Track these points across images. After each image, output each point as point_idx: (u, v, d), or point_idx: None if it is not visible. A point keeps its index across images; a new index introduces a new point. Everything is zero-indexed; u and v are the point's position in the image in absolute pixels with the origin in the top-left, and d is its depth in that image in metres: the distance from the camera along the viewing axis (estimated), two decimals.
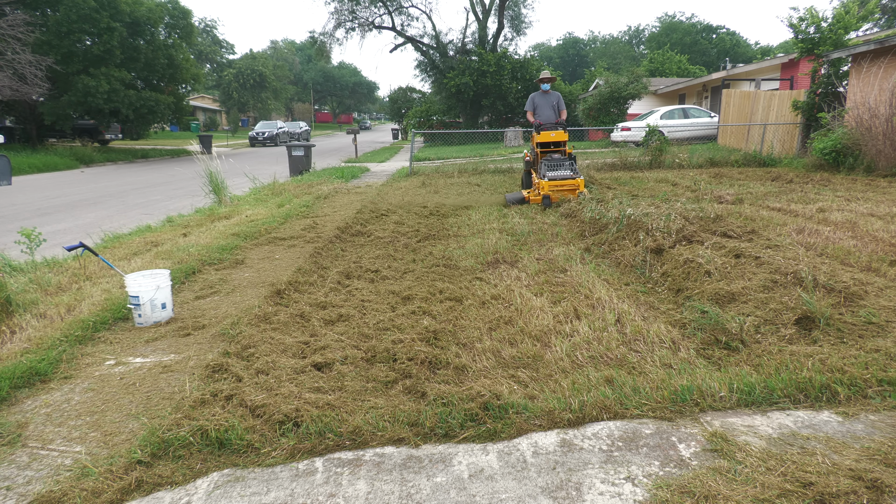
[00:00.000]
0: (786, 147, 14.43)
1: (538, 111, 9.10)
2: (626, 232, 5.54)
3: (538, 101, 9.11)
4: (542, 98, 9.10)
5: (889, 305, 3.55)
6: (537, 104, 9.10)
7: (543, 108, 9.06)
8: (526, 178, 9.24)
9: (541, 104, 9.09)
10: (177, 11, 27.07)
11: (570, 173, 8.11)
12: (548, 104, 9.06)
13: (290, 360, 3.21)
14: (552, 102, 9.09)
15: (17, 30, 18.77)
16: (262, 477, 2.25)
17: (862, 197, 7.78)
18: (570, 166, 8.22)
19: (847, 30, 12.59)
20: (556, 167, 8.22)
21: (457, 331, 3.59)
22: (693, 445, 2.32)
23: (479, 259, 5.31)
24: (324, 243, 6.22)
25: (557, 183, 7.96)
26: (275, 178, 13.09)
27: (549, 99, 9.08)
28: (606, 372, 2.92)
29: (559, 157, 8.39)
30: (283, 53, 66.57)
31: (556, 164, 8.25)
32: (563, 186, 7.97)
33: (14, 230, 5.96)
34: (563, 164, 8.24)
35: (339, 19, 34.11)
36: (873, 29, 22.19)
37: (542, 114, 9.06)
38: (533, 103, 9.14)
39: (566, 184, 7.96)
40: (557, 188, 7.97)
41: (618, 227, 5.64)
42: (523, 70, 31.55)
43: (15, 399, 2.98)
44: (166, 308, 4.11)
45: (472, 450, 2.37)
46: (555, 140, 8.64)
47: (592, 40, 65.41)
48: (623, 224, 5.66)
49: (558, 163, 8.29)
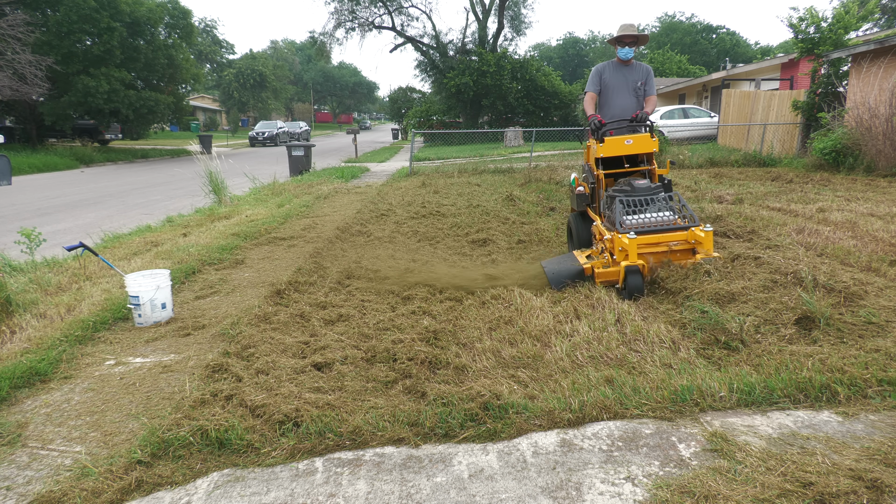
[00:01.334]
0: (786, 147, 14.43)
1: (608, 96, 5.00)
2: None
3: (609, 79, 4.98)
4: (616, 73, 4.96)
5: (889, 305, 3.55)
6: (608, 83, 4.98)
7: (618, 92, 4.96)
8: (579, 224, 5.14)
9: (614, 84, 4.96)
10: (177, 11, 27.07)
11: (671, 215, 4.32)
12: (626, 84, 4.97)
13: (290, 360, 3.21)
14: (634, 82, 4.97)
15: (18, 30, 18.77)
16: (262, 477, 2.25)
17: (862, 197, 7.78)
18: (666, 203, 4.41)
19: (847, 30, 12.60)
20: (643, 207, 4.35)
21: (457, 331, 3.59)
22: (693, 445, 2.32)
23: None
24: (324, 243, 6.22)
25: (653, 239, 4.13)
26: (275, 178, 13.09)
27: (628, 75, 4.97)
28: (606, 372, 2.91)
29: (644, 185, 4.50)
30: (283, 53, 66.56)
31: (643, 201, 4.37)
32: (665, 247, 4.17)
33: (14, 230, 5.96)
34: (656, 201, 4.39)
35: (339, 19, 34.13)
36: (873, 29, 22.19)
37: (614, 101, 4.97)
38: (599, 81, 5.01)
39: (672, 238, 4.14)
40: (654, 251, 4.17)
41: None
42: (523, 70, 31.55)
43: (15, 399, 2.98)
44: (166, 308, 4.11)
45: (472, 450, 2.37)
46: (632, 153, 4.74)
47: (592, 40, 65.38)
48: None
49: (645, 196, 4.40)
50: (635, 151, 4.70)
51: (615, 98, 4.97)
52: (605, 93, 5.02)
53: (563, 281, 4.32)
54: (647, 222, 4.27)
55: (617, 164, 4.89)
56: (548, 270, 4.50)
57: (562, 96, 32.31)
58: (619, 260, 4.13)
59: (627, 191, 4.49)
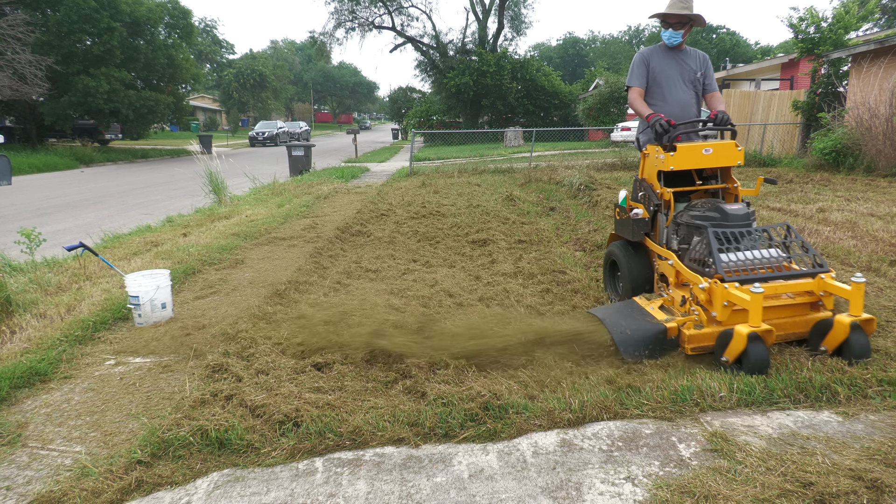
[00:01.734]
0: (786, 147, 14.44)
1: (659, 90, 3.83)
2: None
3: (659, 68, 3.80)
4: (667, 60, 3.81)
5: (889, 305, 3.55)
6: (657, 74, 3.81)
7: (673, 85, 3.81)
8: (631, 259, 3.81)
9: (667, 74, 3.81)
10: (177, 11, 27.08)
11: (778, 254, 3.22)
12: (681, 74, 3.82)
13: (290, 360, 3.21)
14: (692, 71, 3.84)
15: (18, 30, 18.77)
16: (262, 477, 2.25)
17: (862, 197, 7.78)
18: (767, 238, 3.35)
19: (847, 30, 12.61)
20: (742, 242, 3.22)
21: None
22: (693, 445, 2.32)
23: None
24: (324, 243, 6.22)
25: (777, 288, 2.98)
26: (275, 178, 13.09)
27: (683, 63, 3.83)
28: (606, 372, 2.91)
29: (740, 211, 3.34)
30: (283, 53, 66.55)
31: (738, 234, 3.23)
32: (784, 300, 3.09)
33: (14, 230, 5.96)
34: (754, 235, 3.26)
35: (339, 19, 34.16)
36: (873, 29, 22.19)
37: (670, 96, 3.81)
38: (646, 72, 3.81)
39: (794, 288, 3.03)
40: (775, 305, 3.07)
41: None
42: (523, 70, 31.55)
43: (15, 399, 2.98)
44: (166, 308, 4.11)
45: (472, 450, 2.37)
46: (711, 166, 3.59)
47: (592, 40, 65.41)
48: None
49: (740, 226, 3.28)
50: (718, 164, 3.51)
51: (671, 92, 3.77)
52: (654, 87, 3.80)
53: (638, 348, 3.07)
54: (753, 264, 3.09)
55: (680, 180, 3.69)
56: (614, 330, 3.16)
57: (562, 96, 32.32)
58: (722, 318, 2.94)
59: (716, 218, 3.27)
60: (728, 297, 2.89)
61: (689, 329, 3.06)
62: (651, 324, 3.16)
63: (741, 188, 3.61)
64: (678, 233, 3.49)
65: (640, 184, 3.79)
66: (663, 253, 3.49)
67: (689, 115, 3.78)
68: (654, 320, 3.19)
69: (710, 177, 3.74)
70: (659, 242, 3.62)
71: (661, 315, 3.23)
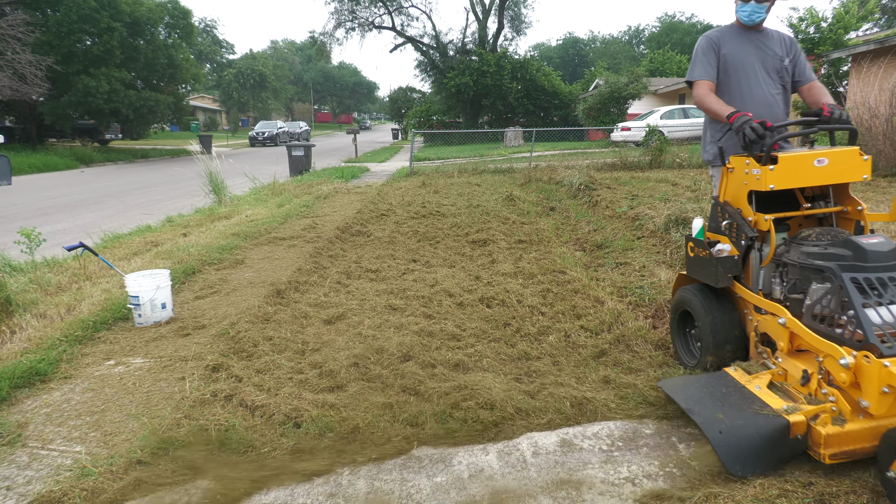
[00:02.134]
0: None
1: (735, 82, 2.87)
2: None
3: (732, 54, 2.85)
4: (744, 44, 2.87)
5: None
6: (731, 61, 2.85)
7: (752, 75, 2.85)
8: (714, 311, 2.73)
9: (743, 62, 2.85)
10: (177, 11, 27.07)
11: None
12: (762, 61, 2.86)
13: (290, 360, 3.21)
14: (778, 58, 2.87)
15: (17, 30, 18.77)
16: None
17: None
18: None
19: (847, 30, 12.63)
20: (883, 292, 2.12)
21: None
22: (693, 445, 2.32)
23: None
24: (324, 243, 6.22)
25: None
26: (275, 178, 13.09)
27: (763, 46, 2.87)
28: (606, 371, 2.91)
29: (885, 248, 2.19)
30: (283, 53, 66.56)
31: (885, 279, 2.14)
32: None
33: (14, 230, 5.96)
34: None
35: (339, 19, 34.13)
36: (873, 29, 22.21)
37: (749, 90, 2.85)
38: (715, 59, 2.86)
39: None
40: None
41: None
42: (523, 70, 31.54)
43: (15, 399, 2.98)
44: (166, 308, 4.11)
45: (472, 450, 2.37)
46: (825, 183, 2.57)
47: (592, 40, 65.43)
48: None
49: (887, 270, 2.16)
50: (837, 180, 2.52)
51: (751, 86, 2.84)
52: (727, 80, 2.87)
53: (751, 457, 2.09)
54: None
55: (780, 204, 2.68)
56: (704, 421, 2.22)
57: (562, 96, 32.31)
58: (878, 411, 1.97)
59: (847, 256, 2.26)
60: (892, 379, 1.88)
61: (824, 426, 2.04)
62: (764, 416, 2.14)
63: (867, 212, 2.57)
64: (783, 277, 2.56)
65: (722, 209, 2.74)
66: (765, 306, 2.49)
67: (775, 115, 2.81)
68: (766, 409, 2.18)
69: (819, 197, 2.73)
70: (753, 288, 2.65)
71: (774, 400, 2.22)
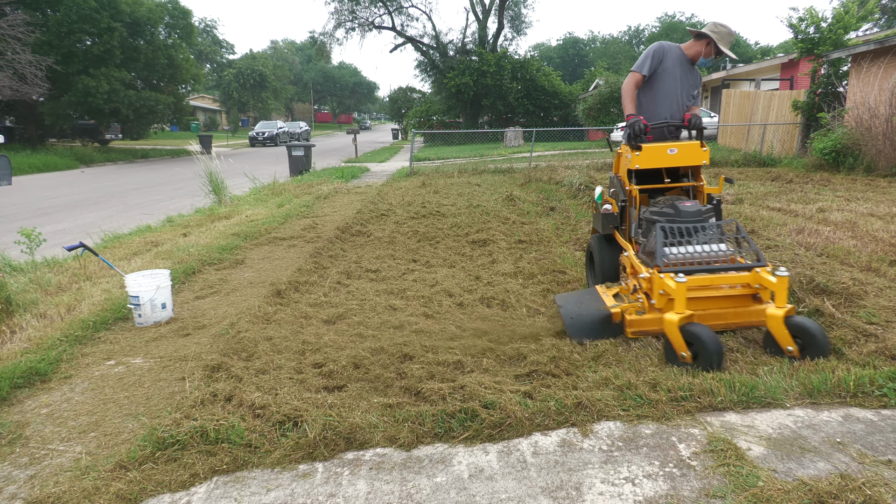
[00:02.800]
0: (786, 147, 14.43)
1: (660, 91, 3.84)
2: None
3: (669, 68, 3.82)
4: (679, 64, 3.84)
5: (889, 305, 3.55)
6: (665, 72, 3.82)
7: (671, 89, 3.83)
8: (604, 251, 4.11)
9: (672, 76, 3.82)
10: (177, 11, 27.09)
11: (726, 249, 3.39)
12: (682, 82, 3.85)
13: (290, 360, 3.21)
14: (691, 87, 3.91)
15: (18, 30, 18.78)
16: (262, 477, 2.25)
17: (862, 197, 7.78)
18: (719, 234, 3.46)
19: (847, 30, 12.60)
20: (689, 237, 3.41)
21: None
22: (693, 445, 2.32)
23: None
24: (324, 243, 6.22)
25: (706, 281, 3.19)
26: (275, 178, 13.09)
27: (689, 74, 3.88)
28: (605, 371, 2.91)
29: (693, 209, 3.51)
30: (283, 53, 66.53)
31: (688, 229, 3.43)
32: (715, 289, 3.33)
33: (14, 230, 5.96)
34: (707, 231, 3.44)
35: (339, 19, 34.14)
36: (873, 29, 22.19)
37: (663, 98, 3.83)
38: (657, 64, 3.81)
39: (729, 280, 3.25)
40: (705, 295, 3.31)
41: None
42: (523, 70, 31.54)
43: (15, 399, 2.98)
44: (166, 308, 4.11)
45: (472, 450, 2.37)
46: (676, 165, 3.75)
47: (592, 40, 65.39)
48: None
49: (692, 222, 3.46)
50: (681, 164, 3.67)
51: (666, 96, 3.79)
52: (655, 83, 3.79)
53: (584, 331, 3.35)
54: (696, 257, 3.26)
55: (654, 178, 3.87)
56: (565, 312, 3.52)
57: (562, 96, 32.30)
58: (660, 305, 3.15)
59: (670, 214, 3.49)
60: (661, 285, 3.10)
61: (630, 314, 3.34)
62: (598, 309, 3.46)
63: (706, 186, 3.81)
64: (642, 227, 3.70)
65: (612, 181, 4.09)
66: (625, 246, 3.81)
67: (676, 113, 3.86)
68: (602, 306, 3.50)
69: (684, 175, 3.90)
70: (628, 236, 3.84)
71: (611, 302, 3.54)
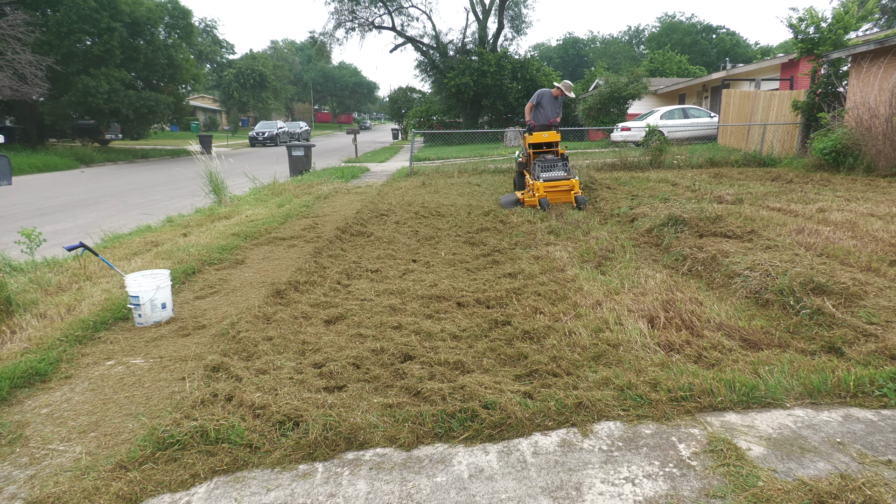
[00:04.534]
0: (786, 147, 14.43)
1: (540, 111, 8.80)
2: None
3: (545, 103, 8.76)
4: (550, 101, 8.76)
5: (889, 305, 3.55)
6: (543, 105, 8.76)
7: (546, 111, 8.76)
8: (518, 179, 9.14)
9: (546, 106, 8.75)
10: (177, 11, 27.08)
11: (564, 174, 7.99)
12: (551, 107, 8.76)
13: (291, 360, 3.21)
14: (556, 109, 8.80)
15: (18, 30, 18.77)
16: (262, 477, 2.25)
17: (862, 197, 7.78)
18: (563, 167, 8.10)
19: (847, 30, 12.59)
20: (549, 168, 8.09)
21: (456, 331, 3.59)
22: (693, 445, 2.32)
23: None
24: (324, 243, 6.22)
25: (553, 184, 7.86)
26: (275, 178, 13.09)
27: (554, 103, 8.76)
28: (605, 372, 2.91)
29: (552, 158, 8.30)
30: (283, 53, 66.55)
31: (550, 165, 8.13)
32: (558, 187, 7.92)
33: (14, 230, 5.96)
34: (557, 165, 8.13)
35: (339, 19, 34.12)
36: (873, 29, 22.20)
37: (541, 115, 8.78)
38: (539, 101, 8.77)
39: (561, 184, 7.89)
40: (553, 188, 7.90)
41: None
42: (523, 70, 31.53)
43: (15, 399, 2.98)
44: (166, 308, 4.11)
45: (472, 450, 2.37)
46: (547, 141, 8.57)
47: (592, 40, 65.43)
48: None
49: (552, 163, 8.16)
50: (549, 140, 8.67)
51: (544, 112, 8.86)
52: (539, 108, 8.87)
53: (508, 205, 8.32)
54: (551, 176, 8.03)
55: (539, 148, 8.75)
56: (502, 200, 8.74)
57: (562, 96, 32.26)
58: (536, 195, 7.93)
59: (544, 160, 8.36)
60: (537, 187, 7.89)
61: (526, 198, 8.12)
62: (515, 196, 8.58)
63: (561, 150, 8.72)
64: (535, 167, 8.28)
65: (523, 148, 9.27)
66: (527, 174, 8.66)
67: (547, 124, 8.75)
68: (516, 197, 8.54)
69: (552, 146, 8.74)
70: (530, 171, 8.57)
71: (520, 196, 8.41)
